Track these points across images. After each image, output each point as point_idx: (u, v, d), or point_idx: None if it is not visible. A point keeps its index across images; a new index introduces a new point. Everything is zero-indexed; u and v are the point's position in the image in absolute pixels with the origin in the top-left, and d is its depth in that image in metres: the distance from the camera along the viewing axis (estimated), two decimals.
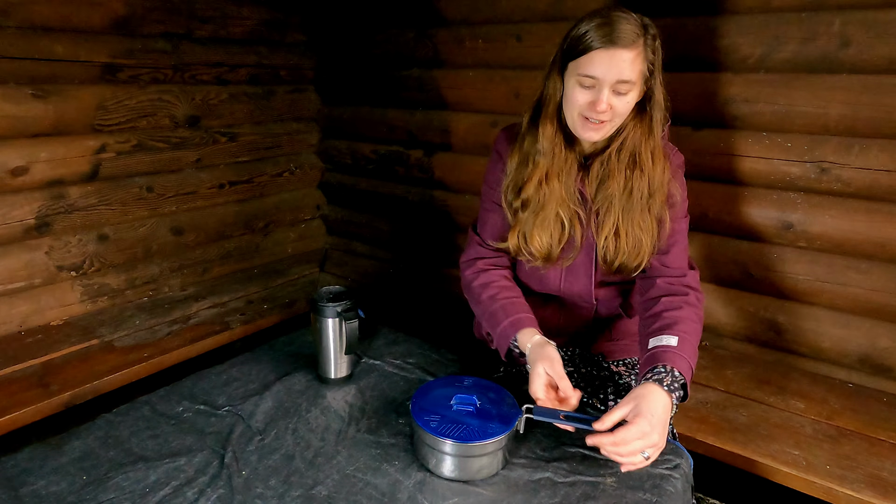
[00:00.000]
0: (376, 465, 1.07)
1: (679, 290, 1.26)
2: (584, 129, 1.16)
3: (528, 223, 1.26)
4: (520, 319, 1.25)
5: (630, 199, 1.21)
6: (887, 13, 1.51)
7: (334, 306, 1.29)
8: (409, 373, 1.39)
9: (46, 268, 1.99)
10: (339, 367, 1.34)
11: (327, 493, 1.00)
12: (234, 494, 0.99)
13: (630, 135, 1.20)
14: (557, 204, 1.24)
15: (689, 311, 1.22)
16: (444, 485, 1.02)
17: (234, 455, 1.09)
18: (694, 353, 1.17)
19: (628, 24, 1.08)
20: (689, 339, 1.17)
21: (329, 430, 1.17)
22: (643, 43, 1.10)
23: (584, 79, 1.11)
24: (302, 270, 2.68)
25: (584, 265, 1.32)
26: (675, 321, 1.19)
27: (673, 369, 1.10)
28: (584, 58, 1.10)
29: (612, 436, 0.99)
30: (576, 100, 1.13)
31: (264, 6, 2.47)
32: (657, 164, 1.21)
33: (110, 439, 1.13)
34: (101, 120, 2.03)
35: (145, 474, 1.04)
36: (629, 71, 1.08)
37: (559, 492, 1.01)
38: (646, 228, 1.23)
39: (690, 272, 1.30)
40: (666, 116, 1.20)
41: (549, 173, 1.23)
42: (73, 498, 0.98)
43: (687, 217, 1.33)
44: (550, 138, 1.22)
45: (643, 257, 1.25)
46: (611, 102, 1.11)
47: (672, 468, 1.07)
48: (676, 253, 1.29)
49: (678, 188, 1.25)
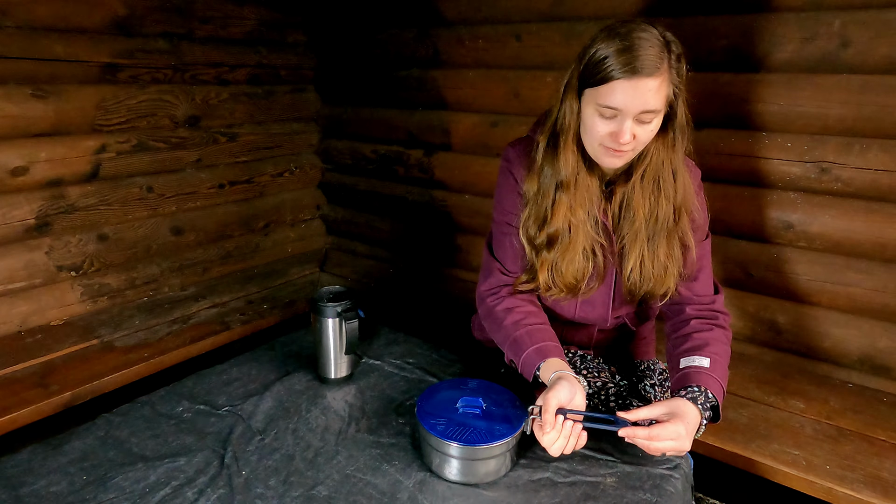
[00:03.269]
0: (376, 465, 1.07)
1: (708, 314, 1.25)
2: (606, 156, 1.10)
3: (556, 261, 1.20)
4: (547, 347, 1.17)
5: (656, 226, 1.17)
6: (887, 13, 1.51)
7: (334, 306, 1.29)
8: (409, 373, 1.39)
9: (46, 268, 1.99)
10: (339, 367, 1.34)
11: (327, 493, 1.00)
12: (234, 494, 0.99)
13: (653, 159, 1.14)
14: (584, 237, 1.18)
15: (719, 333, 1.22)
16: (445, 485, 1.02)
17: (234, 455, 1.09)
18: (725, 374, 1.16)
19: (651, 47, 0.99)
20: (721, 361, 1.17)
21: (329, 430, 1.17)
22: (667, 67, 1.02)
23: (604, 109, 1.03)
24: (302, 270, 2.68)
25: (602, 295, 1.28)
26: (706, 342, 1.18)
27: (706, 390, 1.09)
28: (605, 87, 1.01)
29: (648, 430, 1.00)
30: (596, 130, 1.06)
31: (264, 6, 2.47)
32: (679, 184, 1.16)
33: (110, 439, 1.13)
34: (101, 120, 2.03)
35: (145, 474, 1.04)
36: (654, 101, 1.01)
37: (559, 492, 1.01)
38: (671, 255, 1.20)
39: (717, 296, 1.29)
40: (688, 134, 1.14)
41: (573, 205, 1.16)
42: (73, 498, 0.98)
43: (709, 237, 1.30)
44: (573, 167, 1.15)
45: (669, 285, 1.21)
46: (634, 132, 1.04)
47: (672, 468, 1.07)
48: (703, 280, 1.27)
49: (699, 209, 1.22)
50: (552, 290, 1.23)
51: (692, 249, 1.21)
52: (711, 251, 1.31)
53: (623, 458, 1.09)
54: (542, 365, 1.13)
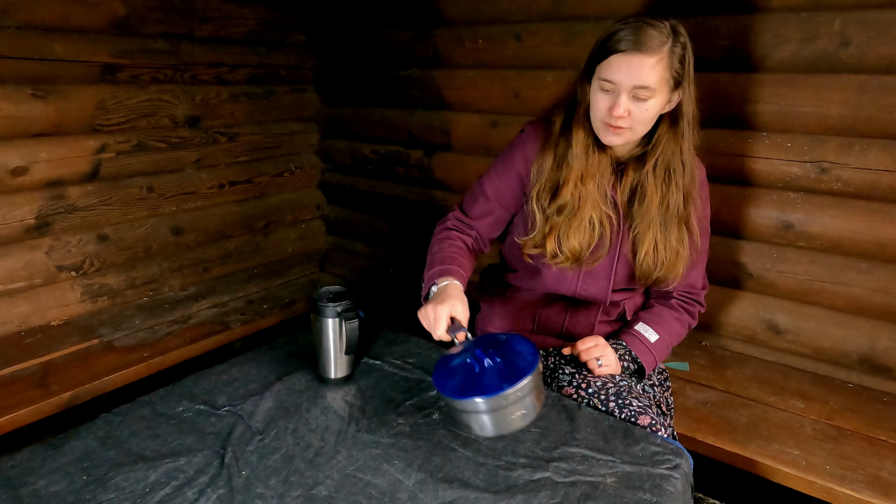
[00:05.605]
0: (376, 465, 1.07)
1: (687, 301, 1.42)
2: (605, 133, 1.19)
3: (563, 226, 1.27)
4: (449, 269, 1.27)
5: (667, 214, 1.26)
6: (887, 13, 1.51)
7: (334, 306, 1.29)
8: (409, 373, 1.39)
9: (46, 268, 1.99)
10: (339, 367, 1.34)
11: (327, 493, 1.00)
12: (235, 494, 0.99)
13: (664, 149, 1.23)
14: (592, 207, 1.26)
15: (685, 319, 1.40)
16: (444, 485, 1.02)
17: (234, 455, 1.09)
18: (664, 353, 1.38)
19: (654, 29, 1.09)
20: (665, 340, 1.37)
21: (329, 430, 1.17)
22: (668, 50, 1.10)
23: (604, 83, 1.13)
24: (302, 270, 2.68)
25: (605, 268, 1.35)
26: (666, 333, 1.38)
27: (632, 352, 1.35)
28: (605, 62, 1.12)
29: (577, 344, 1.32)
30: (597, 104, 1.16)
31: (264, 6, 2.47)
32: (688, 174, 1.25)
33: (110, 439, 1.13)
34: (101, 120, 2.03)
35: (145, 474, 1.04)
36: (648, 76, 1.09)
37: (559, 492, 1.01)
38: (682, 241, 1.28)
39: (702, 291, 1.44)
40: (696, 129, 1.24)
41: (584, 175, 1.25)
42: (73, 498, 0.98)
43: (708, 234, 1.39)
44: (583, 142, 1.24)
45: (679, 269, 1.30)
46: (629, 108, 1.12)
47: (672, 468, 1.07)
48: (696, 275, 1.39)
49: (703, 200, 1.33)
50: (558, 257, 1.30)
51: (696, 236, 1.30)
52: (710, 250, 1.39)
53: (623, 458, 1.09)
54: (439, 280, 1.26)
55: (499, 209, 1.41)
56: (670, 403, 1.41)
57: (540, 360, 1.04)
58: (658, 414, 1.25)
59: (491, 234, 1.46)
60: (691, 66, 1.16)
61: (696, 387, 1.73)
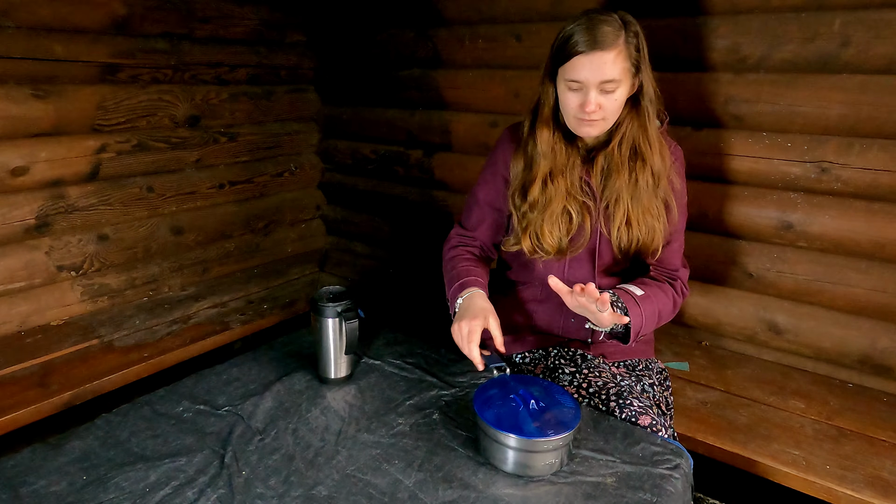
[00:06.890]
0: (376, 465, 1.07)
1: (668, 277, 1.40)
2: (581, 126, 1.24)
3: (536, 222, 1.32)
4: (467, 281, 1.34)
5: (637, 189, 1.29)
6: (887, 13, 1.51)
7: (334, 306, 1.29)
8: (409, 373, 1.39)
9: (46, 268, 1.99)
10: (339, 367, 1.34)
11: (327, 493, 1.00)
12: (234, 494, 0.99)
13: (628, 128, 1.28)
14: (563, 199, 1.31)
15: (668, 290, 1.36)
16: (444, 485, 1.02)
17: (234, 455, 1.09)
18: (650, 312, 1.30)
19: (607, 25, 1.15)
20: (652, 300, 1.31)
21: (329, 430, 1.17)
22: (623, 41, 1.16)
23: (571, 83, 1.19)
24: (302, 270, 2.68)
25: (588, 252, 1.38)
26: (653, 294, 1.32)
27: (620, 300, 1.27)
28: (569, 64, 1.17)
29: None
30: (568, 103, 1.22)
31: (264, 6, 2.47)
32: (656, 152, 1.28)
33: (110, 439, 1.13)
34: (101, 120, 2.03)
35: (145, 474, 1.04)
36: (611, 70, 1.15)
37: (559, 492, 1.01)
38: (656, 214, 1.31)
39: (682, 270, 1.42)
40: (660, 108, 1.28)
41: (553, 172, 1.31)
42: (73, 498, 0.98)
43: (685, 215, 1.41)
44: (548, 141, 1.31)
45: (658, 241, 1.32)
46: (599, 102, 1.18)
47: (672, 468, 1.07)
48: (671, 252, 1.39)
49: (677, 177, 1.34)
50: (538, 252, 1.35)
51: (674, 209, 1.33)
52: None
53: (623, 458, 1.09)
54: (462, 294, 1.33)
55: (493, 213, 1.48)
56: (670, 403, 1.41)
57: (581, 419, 1.10)
58: (658, 414, 1.25)
59: (493, 239, 1.52)
60: (646, 50, 1.22)
61: (696, 387, 1.73)
